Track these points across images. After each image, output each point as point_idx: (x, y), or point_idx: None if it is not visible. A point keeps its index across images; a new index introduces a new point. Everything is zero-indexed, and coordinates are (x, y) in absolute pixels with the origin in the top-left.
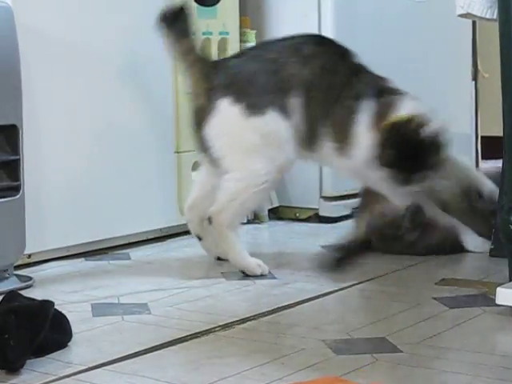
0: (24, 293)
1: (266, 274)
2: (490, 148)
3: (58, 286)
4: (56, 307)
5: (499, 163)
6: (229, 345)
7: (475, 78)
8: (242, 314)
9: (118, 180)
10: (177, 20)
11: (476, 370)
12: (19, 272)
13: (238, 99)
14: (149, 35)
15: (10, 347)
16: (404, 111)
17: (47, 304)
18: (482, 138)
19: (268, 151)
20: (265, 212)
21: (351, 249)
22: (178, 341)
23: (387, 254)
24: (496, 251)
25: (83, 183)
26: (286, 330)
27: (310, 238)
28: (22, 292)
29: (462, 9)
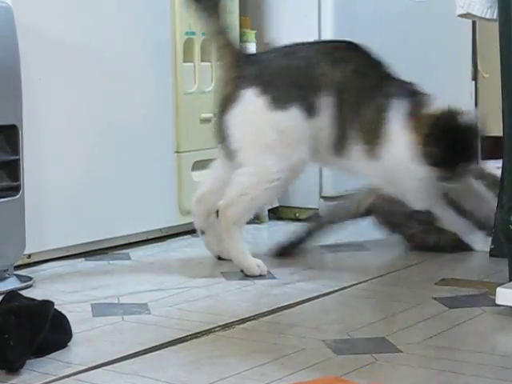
0: (24, 293)
1: (264, 274)
2: (489, 148)
3: (58, 286)
4: (56, 307)
5: (499, 163)
6: (229, 345)
7: (475, 78)
8: (241, 314)
9: (117, 180)
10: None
11: (476, 370)
12: (19, 272)
13: (264, 91)
14: (149, 35)
15: (10, 347)
16: (439, 107)
17: (47, 304)
18: (481, 137)
19: (283, 148)
20: (265, 212)
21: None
22: (177, 341)
23: (386, 249)
24: (496, 251)
25: (83, 183)
26: (286, 329)
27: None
28: (22, 292)
29: (462, 9)
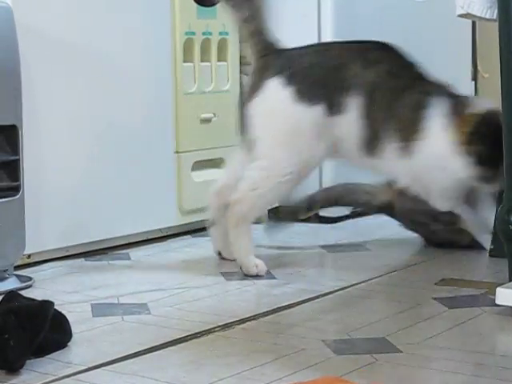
0: (24, 293)
1: (262, 275)
2: None
3: (58, 286)
4: (56, 307)
5: None
6: (229, 345)
7: (475, 78)
8: (241, 314)
9: (117, 180)
10: None
11: (476, 370)
12: (19, 272)
13: (289, 83)
14: (149, 35)
15: (10, 347)
16: (481, 107)
17: (47, 304)
18: None
19: (299, 143)
20: (264, 212)
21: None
22: (178, 341)
23: (386, 249)
24: (496, 251)
25: (83, 183)
26: (286, 329)
27: (310, 238)
28: (21, 292)
29: (462, 9)
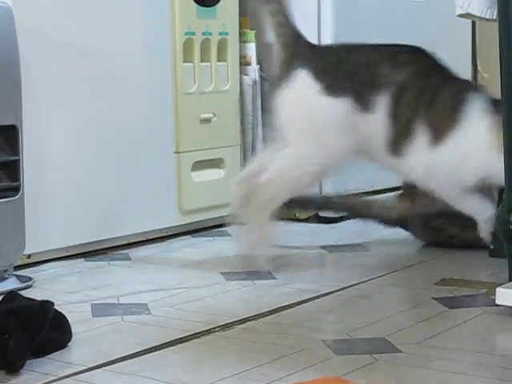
0: (24, 293)
1: (261, 271)
2: None
3: (58, 286)
4: (56, 307)
5: None
6: (229, 345)
7: (475, 78)
8: (241, 315)
9: (117, 180)
10: None
11: (476, 370)
12: (19, 272)
13: (318, 75)
14: (148, 35)
15: (9, 347)
16: None
17: (47, 304)
18: None
19: (327, 136)
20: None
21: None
22: (178, 341)
23: (386, 249)
24: (496, 251)
25: (83, 183)
26: (285, 330)
27: (309, 238)
28: (21, 292)
29: (462, 9)
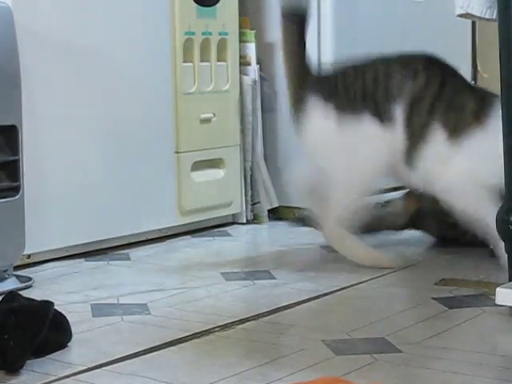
0: (24, 293)
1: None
2: None
3: (58, 286)
4: (56, 307)
5: None
6: (228, 345)
7: (475, 78)
8: (241, 315)
9: (117, 180)
10: (294, 21)
11: (476, 370)
12: (19, 272)
13: (330, 101)
14: (148, 35)
15: (9, 347)
16: None
17: (47, 304)
18: None
19: (362, 151)
20: (264, 212)
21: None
22: (177, 341)
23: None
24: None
25: (83, 183)
26: (285, 330)
27: (310, 238)
28: (21, 292)
29: (462, 9)
